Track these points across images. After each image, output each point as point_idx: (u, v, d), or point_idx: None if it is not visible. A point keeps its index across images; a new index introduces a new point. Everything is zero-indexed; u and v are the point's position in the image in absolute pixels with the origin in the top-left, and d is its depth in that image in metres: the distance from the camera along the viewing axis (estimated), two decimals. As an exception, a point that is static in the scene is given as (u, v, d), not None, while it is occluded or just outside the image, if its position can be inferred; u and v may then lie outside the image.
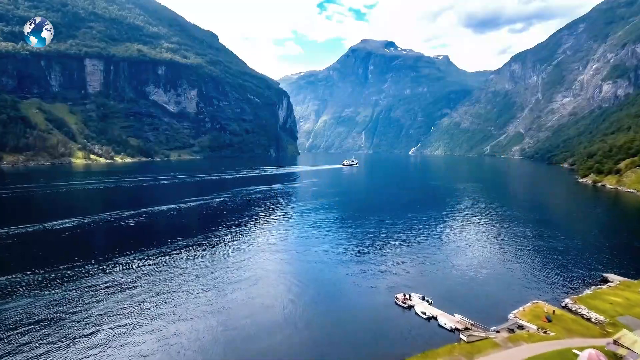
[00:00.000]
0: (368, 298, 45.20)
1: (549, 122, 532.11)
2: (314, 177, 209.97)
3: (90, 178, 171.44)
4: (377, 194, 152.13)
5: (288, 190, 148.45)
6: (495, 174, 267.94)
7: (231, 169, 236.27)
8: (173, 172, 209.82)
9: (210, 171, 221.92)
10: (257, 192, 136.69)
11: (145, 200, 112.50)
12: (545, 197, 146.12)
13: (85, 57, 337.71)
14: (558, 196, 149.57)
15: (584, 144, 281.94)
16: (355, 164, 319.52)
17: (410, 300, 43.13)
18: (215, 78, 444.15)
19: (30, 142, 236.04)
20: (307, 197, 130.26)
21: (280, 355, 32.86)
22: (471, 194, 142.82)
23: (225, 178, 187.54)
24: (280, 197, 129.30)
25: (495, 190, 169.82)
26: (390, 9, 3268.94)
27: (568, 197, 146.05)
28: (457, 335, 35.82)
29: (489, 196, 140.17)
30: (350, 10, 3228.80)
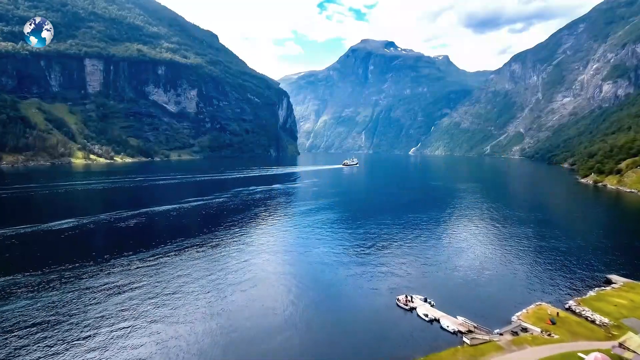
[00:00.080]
0: (369, 299, 44.74)
1: (549, 122, 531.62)
2: (314, 177, 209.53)
3: (90, 178, 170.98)
4: (377, 194, 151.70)
5: (288, 191, 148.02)
6: (496, 174, 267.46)
7: (231, 169, 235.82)
8: (173, 172, 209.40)
9: (210, 171, 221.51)
10: (257, 192, 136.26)
11: (145, 201, 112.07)
12: (546, 197, 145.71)
13: (85, 57, 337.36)
14: (559, 196, 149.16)
15: (585, 144, 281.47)
16: (356, 164, 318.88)
17: (412, 302, 42.67)
18: (215, 78, 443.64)
19: (30, 142, 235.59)
20: (307, 197, 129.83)
21: (281, 358, 32.43)
22: (472, 194, 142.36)
23: (225, 178, 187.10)
24: (280, 197, 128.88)
25: (496, 190, 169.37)
26: (390, 9, 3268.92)
27: (569, 197, 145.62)
28: (460, 338, 35.34)
29: (490, 196, 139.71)
30: (350, 10, 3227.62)
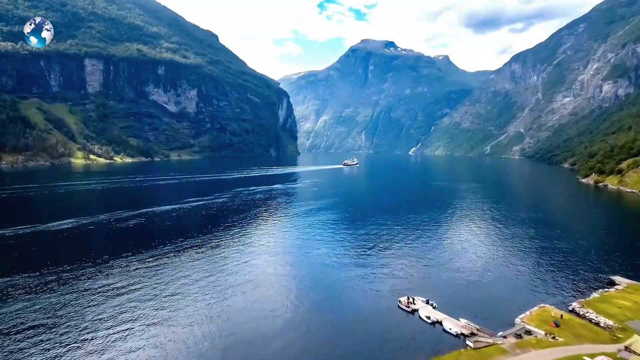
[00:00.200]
0: (370, 301, 44.27)
1: (550, 122, 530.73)
2: (315, 177, 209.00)
3: (90, 178, 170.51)
4: (378, 194, 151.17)
5: (288, 191, 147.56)
6: (496, 174, 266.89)
7: (231, 169, 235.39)
8: (173, 173, 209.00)
9: (210, 171, 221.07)
10: (258, 192, 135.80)
11: (145, 201, 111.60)
12: (548, 198, 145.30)
13: (85, 57, 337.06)
14: (560, 196, 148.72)
15: (585, 144, 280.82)
16: (356, 164, 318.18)
17: (414, 304, 42.20)
18: (215, 78, 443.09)
19: (30, 142, 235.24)
20: (307, 197, 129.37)
21: (281, 362, 32.00)
22: (473, 194, 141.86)
23: (225, 178, 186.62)
24: (280, 197, 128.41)
25: (497, 190, 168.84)
26: (390, 9, 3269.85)
27: (570, 197, 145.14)
28: (462, 341, 34.85)
29: (491, 196, 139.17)
30: (350, 10, 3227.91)
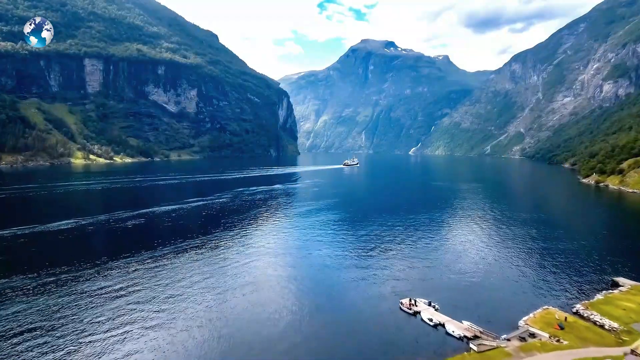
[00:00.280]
0: (372, 303, 43.77)
1: (550, 121, 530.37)
2: (315, 177, 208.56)
3: (89, 178, 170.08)
4: (378, 195, 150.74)
5: (289, 191, 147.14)
6: (497, 174, 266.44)
7: (231, 169, 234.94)
8: (172, 173, 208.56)
9: (210, 171, 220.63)
10: (258, 192, 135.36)
11: (144, 201, 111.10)
12: (549, 198, 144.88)
13: (85, 56, 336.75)
14: (561, 196, 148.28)
15: (585, 144, 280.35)
16: (356, 164, 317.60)
17: (416, 306, 41.69)
18: (215, 78, 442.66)
19: (29, 142, 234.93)
20: (308, 198, 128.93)
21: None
22: (474, 194, 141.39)
23: (225, 178, 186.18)
24: (281, 198, 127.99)
25: (498, 190, 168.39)
26: (390, 9, 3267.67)
27: (571, 197, 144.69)
28: (466, 344, 34.36)
29: (492, 197, 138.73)
30: (350, 10, 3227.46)
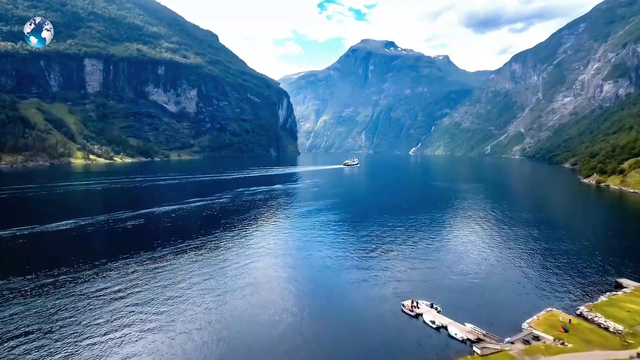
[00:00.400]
0: (373, 305, 43.37)
1: (550, 121, 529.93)
2: (315, 177, 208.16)
3: (89, 179, 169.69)
4: (379, 195, 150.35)
5: (289, 191, 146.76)
6: (497, 174, 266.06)
7: (231, 169, 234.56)
8: (172, 173, 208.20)
9: (210, 171, 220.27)
10: (258, 193, 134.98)
11: (144, 202, 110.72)
12: (550, 198, 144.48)
13: (85, 56, 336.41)
14: (562, 197, 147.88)
15: (586, 144, 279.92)
16: (357, 164, 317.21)
17: (418, 308, 41.29)
18: (215, 78, 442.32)
19: (29, 142, 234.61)
20: (308, 198, 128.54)
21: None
22: (475, 194, 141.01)
23: (225, 178, 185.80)
24: (281, 198, 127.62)
25: (499, 190, 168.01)
26: (390, 9, 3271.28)
27: (572, 197, 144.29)
28: (469, 347, 33.95)
29: (493, 197, 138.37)
30: (350, 10, 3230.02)
